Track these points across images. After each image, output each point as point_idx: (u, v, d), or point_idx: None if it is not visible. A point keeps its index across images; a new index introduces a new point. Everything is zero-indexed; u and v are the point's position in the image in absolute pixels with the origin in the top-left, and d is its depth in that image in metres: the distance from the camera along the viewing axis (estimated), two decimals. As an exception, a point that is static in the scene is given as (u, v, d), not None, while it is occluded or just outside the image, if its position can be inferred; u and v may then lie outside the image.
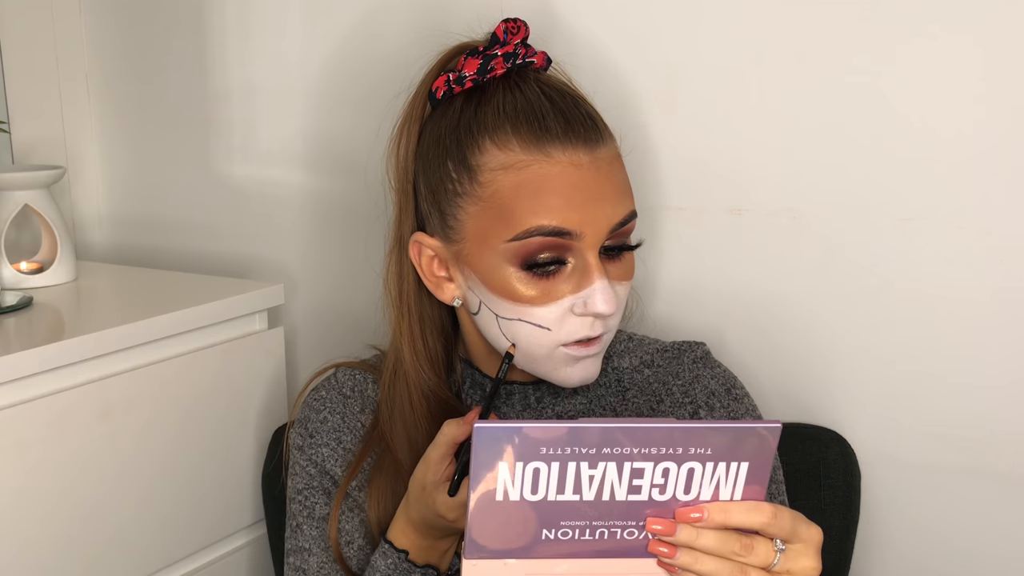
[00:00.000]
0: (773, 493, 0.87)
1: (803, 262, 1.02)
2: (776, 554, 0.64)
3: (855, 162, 0.98)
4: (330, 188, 1.28)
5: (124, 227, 1.48)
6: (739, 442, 0.61)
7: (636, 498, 0.62)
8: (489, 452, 0.61)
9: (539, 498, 0.62)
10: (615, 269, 0.81)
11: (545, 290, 0.79)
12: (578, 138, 0.78)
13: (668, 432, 0.60)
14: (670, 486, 0.62)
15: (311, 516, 0.91)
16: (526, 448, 0.61)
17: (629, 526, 0.64)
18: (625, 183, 0.82)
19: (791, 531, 0.64)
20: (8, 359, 0.94)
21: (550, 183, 0.77)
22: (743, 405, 0.89)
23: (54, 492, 0.99)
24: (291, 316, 1.35)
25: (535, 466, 0.61)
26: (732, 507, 0.63)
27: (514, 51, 0.83)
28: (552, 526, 0.63)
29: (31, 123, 1.38)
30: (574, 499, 0.62)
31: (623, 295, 0.83)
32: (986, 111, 0.92)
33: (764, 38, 0.99)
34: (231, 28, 1.31)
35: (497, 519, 0.63)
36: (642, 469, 0.61)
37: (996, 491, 0.98)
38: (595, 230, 0.78)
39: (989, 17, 0.90)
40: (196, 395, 1.13)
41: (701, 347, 0.92)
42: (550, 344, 0.80)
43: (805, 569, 0.65)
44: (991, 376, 0.96)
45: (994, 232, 0.94)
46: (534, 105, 0.80)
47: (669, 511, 0.63)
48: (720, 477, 0.62)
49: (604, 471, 0.61)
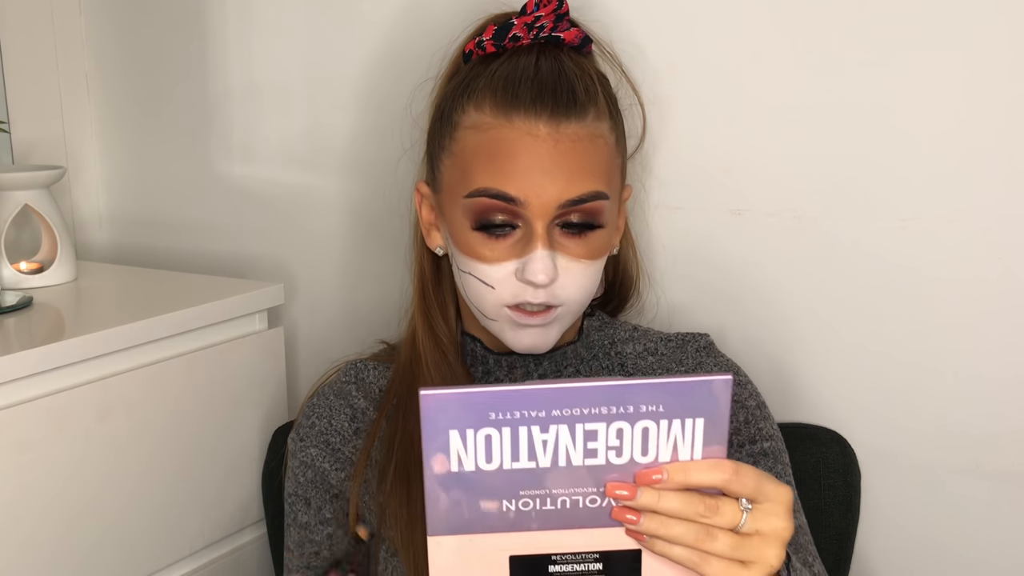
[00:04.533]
0: (779, 473, 0.87)
1: (803, 262, 1.02)
2: (743, 514, 0.62)
3: (855, 162, 0.98)
4: (330, 188, 1.28)
5: (124, 227, 1.48)
6: (690, 397, 0.60)
7: (593, 462, 0.62)
8: (438, 420, 0.60)
9: (495, 467, 0.62)
10: (574, 246, 0.82)
11: (493, 250, 0.82)
12: (544, 109, 0.80)
13: (615, 389, 0.60)
14: (626, 448, 0.61)
15: (294, 523, 0.96)
16: (474, 414, 0.60)
17: (591, 493, 0.63)
18: (591, 163, 0.81)
19: (756, 489, 0.62)
20: (8, 359, 0.94)
21: (505, 148, 0.80)
22: (747, 390, 0.90)
23: (54, 492, 0.99)
24: (291, 316, 1.35)
25: (486, 432, 0.61)
26: (692, 466, 0.62)
27: (533, 21, 0.85)
28: (512, 496, 0.63)
29: (31, 123, 1.38)
30: (530, 466, 0.62)
31: (579, 273, 0.82)
32: (985, 111, 0.92)
33: (764, 38, 0.99)
34: (231, 28, 1.31)
35: (455, 492, 0.62)
36: (595, 431, 0.61)
37: (996, 491, 0.98)
38: (541, 201, 0.79)
39: (989, 17, 0.90)
40: (196, 395, 1.13)
41: (705, 338, 0.94)
42: (495, 303, 0.83)
43: (775, 529, 0.63)
44: (991, 376, 0.96)
45: (994, 231, 0.94)
46: (519, 73, 0.82)
47: (629, 475, 0.62)
48: (676, 436, 0.61)
49: (557, 435, 0.61)
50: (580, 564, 0.65)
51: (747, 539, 0.63)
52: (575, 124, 0.80)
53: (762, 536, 0.63)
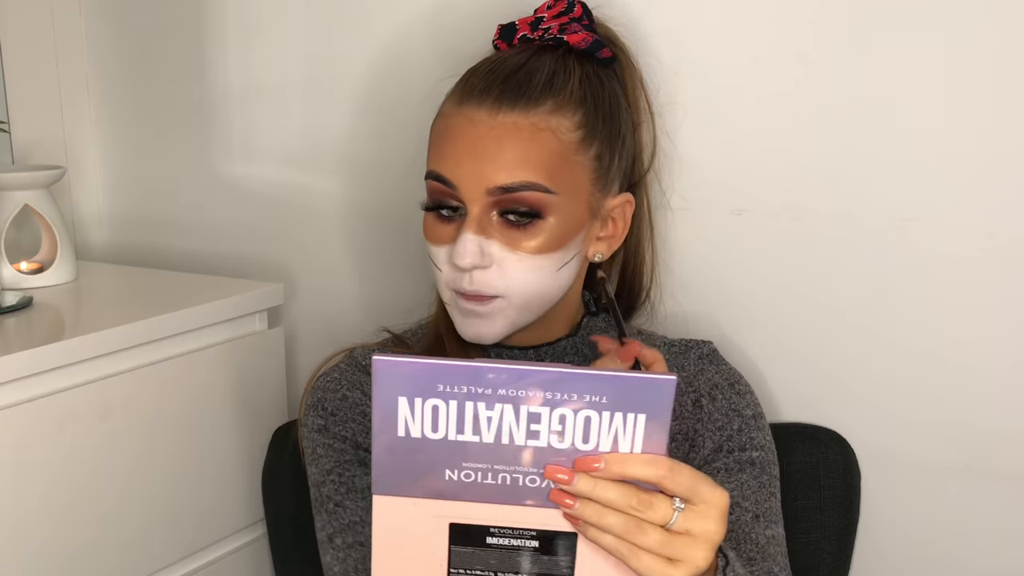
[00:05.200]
0: (764, 484, 0.87)
1: (803, 262, 1.02)
2: (674, 512, 0.63)
3: (856, 162, 0.98)
4: (330, 187, 1.28)
5: (124, 227, 1.48)
6: (633, 392, 0.62)
7: (535, 443, 0.63)
8: (388, 386, 0.62)
9: (440, 436, 0.63)
10: (514, 236, 0.82)
11: (439, 232, 0.84)
12: (488, 97, 0.81)
13: (560, 376, 0.61)
14: (568, 434, 0.63)
15: (352, 490, 0.90)
16: (423, 384, 0.62)
17: (531, 473, 0.64)
18: (527, 153, 0.81)
19: (690, 489, 0.63)
20: (8, 359, 0.94)
21: (448, 132, 0.83)
22: (745, 399, 0.90)
23: (54, 492, 0.99)
24: (291, 316, 1.35)
25: (433, 403, 0.63)
26: (630, 459, 0.63)
27: (535, 22, 0.87)
28: (455, 467, 0.64)
29: (31, 123, 1.38)
30: (474, 440, 0.63)
31: (517, 265, 0.82)
32: (986, 111, 0.92)
33: (764, 37, 0.99)
34: (231, 28, 1.31)
35: (400, 455, 0.64)
36: (538, 414, 0.62)
37: (996, 491, 0.98)
38: (469, 185, 0.81)
39: (990, 18, 0.90)
40: (196, 395, 1.13)
41: (708, 345, 0.94)
42: (443, 285, 0.86)
43: (706, 531, 0.64)
44: (991, 376, 0.96)
45: (994, 232, 0.94)
46: (488, 66, 0.85)
47: (570, 460, 0.63)
48: (618, 428, 0.62)
49: (501, 413, 0.62)
50: (517, 539, 0.66)
51: (676, 537, 0.64)
52: (516, 113, 0.81)
53: (691, 536, 0.64)
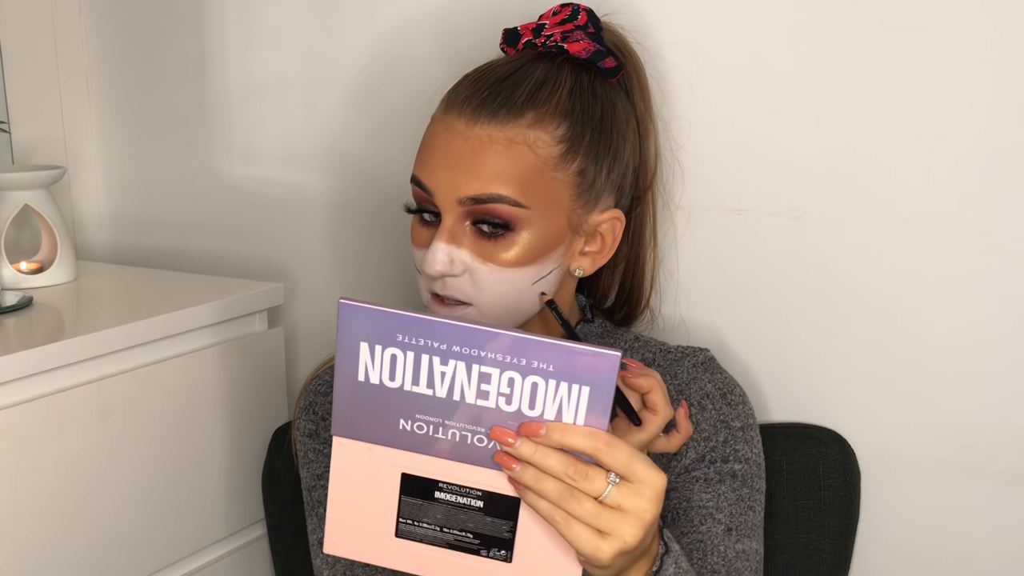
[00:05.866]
0: (745, 497, 0.87)
1: (803, 262, 1.02)
2: (608, 486, 0.66)
3: (855, 162, 0.98)
4: (330, 187, 1.28)
5: (124, 227, 1.48)
6: (578, 364, 0.64)
7: (484, 403, 0.66)
8: (351, 330, 0.66)
9: (396, 385, 0.67)
10: (486, 248, 0.83)
11: (421, 236, 0.86)
12: (468, 107, 0.82)
13: (512, 340, 0.64)
14: (515, 397, 0.66)
15: None
16: (383, 331, 0.66)
17: (479, 432, 0.67)
18: (499, 166, 0.81)
19: (625, 466, 0.66)
20: (8, 359, 0.94)
21: (430, 140, 0.84)
22: (735, 410, 0.89)
23: (54, 492, 0.99)
24: (291, 316, 1.35)
25: (392, 352, 0.66)
26: (570, 429, 0.66)
27: (537, 28, 0.88)
28: (409, 417, 0.68)
29: (31, 123, 1.38)
30: (428, 393, 0.67)
31: (487, 277, 0.83)
32: (985, 111, 0.92)
33: (764, 37, 0.99)
34: (231, 28, 1.31)
35: (359, 400, 0.68)
36: (489, 374, 0.66)
37: (996, 491, 0.98)
38: (442, 193, 0.82)
39: (990, 18, 0.90)
40: (196, 395, 1.13)
41: (704, 353, 0.93)
42: (422, 287, 0.87)
43: (637, 509, 0.66)
44: (991, 376, 0.96)
45: (993, 232, 0.94)
46: (477, 74, 0.85)
47: (516, 424, 0.66)
48: (563, 398, 0.65)
49: (455, 370, 0.66)
50: (463, 497, 0.70)
51: (608, 511, 0.66)
52: (492, 126, 0.81)
53: (622, 512, 0.66)
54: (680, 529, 0.86)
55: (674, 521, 0.86)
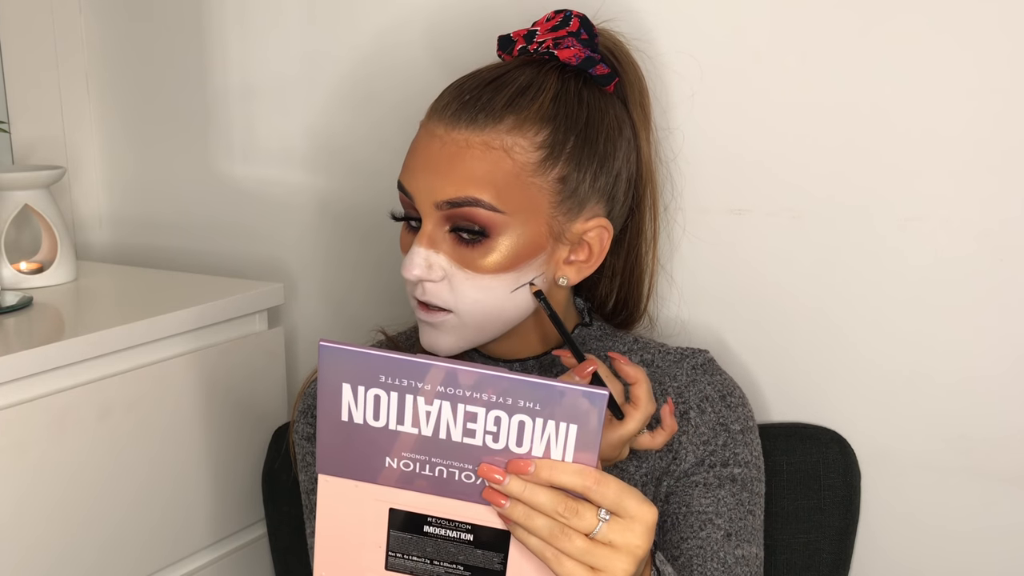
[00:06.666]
0: (744, 501, 0.87)
1: (803, 262, 1.02)
2: (599, 523, 0.65)
3: (855, 162, 0.98)
4: (330, 188, 1.28)
5: (124, 227, 1.48)
6: (564, 402, 0.64)
7: (471, 442, 0.66)
8: (333, 372, 0.66)
9: (381, 424, 0.66)
10: (464, 254, 0.82)
11: (405, 241, 0.86)
12: (447, 112, 0.82)
13: (497, 380, 0.64)
14: (502, 436, 0.65)
15: None
16: (366, 373, 0.65)
17: (466, 469, 0.67)
18: (474, 170, 0.80)
19: (615, 502, 0.65)
20: (8, 359, 0.94)
21: (414, 144, 0.85)
22: (735, 413, 0.89)
23: (54, 492, 0.99)
24: (291, 316, 1.35)
25: (375, 392, 0.65)
26: (559, 466, 0.65)
27: (529, 34, 0.87)
28: (395, 455, 0.67)
29: (31, 123, 1.38)
30: (413, 432, 0.66)
31: (465, 283, 0.82)
32: (985, 111, 0.92)
33: (765, 37, 0.99)
34: (231, 28, 1.31)
35: (343, 439, 0.67)
36: (475, 414, 0.65)
37: (996, 491, 0.98)
38: (420, 197, 0.82)
39: (989, 18, 0.90)
40: (196, 395, 1.13)
41: (704, 354, 0.92)
42: (408, 292, 0.86)
43: (628, 544, 0.65)
44: (991, 376, 0.96)
45: (993, 232, 0.94)
46: (462, 80, 0.85)
47: (503, 462, 0.66)
48: (551, 435, 0.65)
49: (440, 409, 0.65)
50: (453, 531, 0.69)
51: (599, 547, 0.65)
52: (470, 131, 0.81)
53: (614, 548, 0.66)
54: (680, 534, 0.86)
55: (673, 526, 0.86)
